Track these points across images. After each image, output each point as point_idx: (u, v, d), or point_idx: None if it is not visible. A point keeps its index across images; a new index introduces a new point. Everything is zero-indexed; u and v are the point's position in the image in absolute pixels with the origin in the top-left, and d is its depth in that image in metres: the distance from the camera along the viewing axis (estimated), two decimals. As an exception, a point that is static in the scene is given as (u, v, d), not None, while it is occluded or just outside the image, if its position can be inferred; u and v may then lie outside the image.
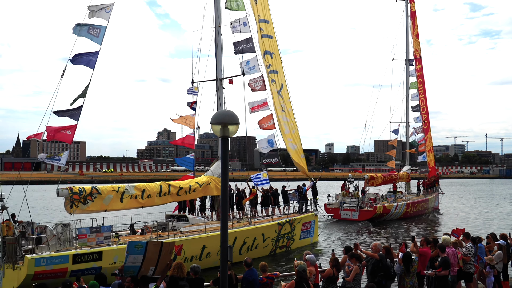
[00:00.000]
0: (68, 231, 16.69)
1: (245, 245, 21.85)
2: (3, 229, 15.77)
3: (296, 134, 27.27)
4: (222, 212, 7.90)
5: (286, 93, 26.61)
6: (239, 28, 23.44)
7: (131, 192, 19.31)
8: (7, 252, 15.60)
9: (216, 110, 23.75)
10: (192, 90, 23.57)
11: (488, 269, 12.81)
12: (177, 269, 9.31)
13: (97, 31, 18.47)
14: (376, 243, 12.04)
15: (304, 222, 26.26)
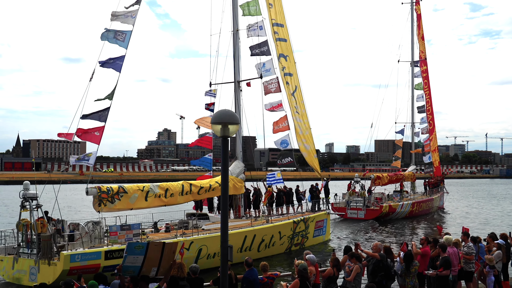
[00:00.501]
0: (99, 228, 17.36)
1: (263, 243, 22.53)
2: (38, 226, 16.44)
3: (309, 135, 27.95)
4: (222, 212, 7.82)
5: (300, 95, 27.30)
6: (256, 32, 24.09)
7: (155, 191, 19.97)
8: (42, 248, 16.24)
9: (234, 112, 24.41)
10: (210, 92, 24.23)
11: (487, 268, 12.75)
12: (177, 269, 9.32)
13: (122, 36, 19.14)
14: (377, 243, 12.08)
15: (317, 221, 26.95)
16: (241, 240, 21.18)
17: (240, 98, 24.10)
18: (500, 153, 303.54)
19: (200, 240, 19.33)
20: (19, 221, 17.13)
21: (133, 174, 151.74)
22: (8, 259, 17.37)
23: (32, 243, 16.68)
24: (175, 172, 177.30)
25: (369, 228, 34.48)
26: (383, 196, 40.69)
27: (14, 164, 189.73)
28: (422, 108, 46.35)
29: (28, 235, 16.79)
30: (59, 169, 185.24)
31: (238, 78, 24.20)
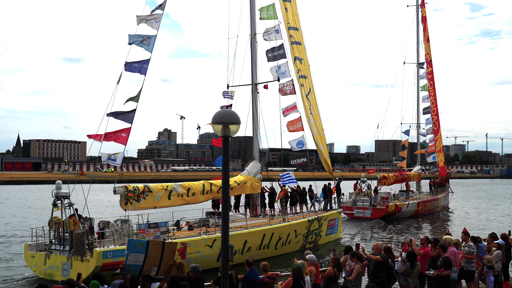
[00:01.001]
0: (128, 226, 17.99)
1: (280, 241, 23.19)
2: (70, 224, 17.07)
3: (323, 136, 28.64)
4: (223, 212, 7.88)
5: (314, 96, 27.95)
6: (272, 35, 24.74)
7: (178, 191, 20.61)
8: (75, 245, 16.87)
9: (251, 114, 25.13)
10: (228, 94, 24.87)
11: (486, 269, 12.75)
12: (177, 269, 9.28)
13: (148, 41, 19.79)
14: (378, 243, 12.03)
15: (329, 219, 27.62)
16: (260, 238, 21.84)
17: (257, 100, 24.75)
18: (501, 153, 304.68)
19: (222, 238, 19.95)
20: (51, 219, 17.77)
21: (133, 174, 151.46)
22: (40, 256, 18.00)
23: (64, 240, 17.30)
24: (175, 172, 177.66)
25: (376, 226, 35.20)
26: (389, 196, 41.44)
27: (15, 164, 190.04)
28: (428, 109, 47.06)
29: (60, 232, 17.40)
30: (59, 169, 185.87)
31: (255, 81, 24.86)
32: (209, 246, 19.43)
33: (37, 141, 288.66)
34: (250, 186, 23.89)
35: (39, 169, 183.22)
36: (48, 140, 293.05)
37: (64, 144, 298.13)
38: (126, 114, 19.12)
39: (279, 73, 25.52)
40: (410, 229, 34.65)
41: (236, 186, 23.23)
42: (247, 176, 24.14)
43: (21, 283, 17.95)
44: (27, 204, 54.32)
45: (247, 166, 25.27)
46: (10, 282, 17.85)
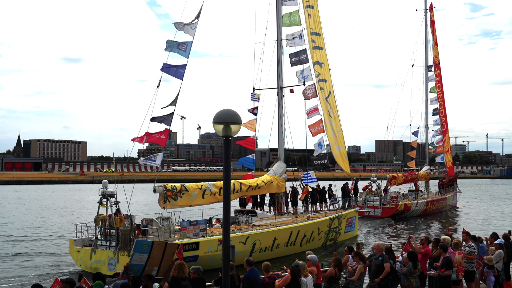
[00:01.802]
0: (169, 223, 19.03)
1: (304, 238, 24.23)
2: (117, 221, 18.09)
3: (341, 137, 29.71)
4: (224, 212, 7.86)
5: (333, 99, 29.03)
6: (296, 41, 25.80)
7: (211, 190, 21.65)
8: (121, 241, 17.88)
9: (276, 117, 26.20)
10: (254, 96, 25.90)
11: (486, 269, 12.77)
12: (178, 269, 9.28)
13: (184, 46, 20.79)
14: (379, 243, 12.01)
15: (348, 218, 28.69)
16: (288, 235, 22.88)
17: (282, 103, 25.82)
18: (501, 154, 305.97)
19: (255, 235, 21.02)
20: (97, 216, 18.78)
21: (134, 174, 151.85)
22: (85, 251, 19.01)
23: (110, 236, 18.31)
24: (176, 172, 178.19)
25: (386, 225, 36.32)
26: (398, 195, 42.57)
27: (15, 164, 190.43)
28: (436, 111, 48.20)
29: (106, 229, 18.41)
30: (59, 169, 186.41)
31: (281, 85, 25.93)
32: (242, 243, 20.45)
33: (38, 141, 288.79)
34: (276, 185, 24.95)
35: (39, 169, 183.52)
36: (49, 140, 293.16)
37: (64, 144, 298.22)
38: (165, 118, 20.11)
39: (301, 77, 26.57)
40: (419, 227, 35.72)
41: (263, 186, 24.29)
42: (273, 176, 25.19)
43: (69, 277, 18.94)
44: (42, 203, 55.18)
45: (272, 166, 26.33)
46: (58, 275, 18.85)
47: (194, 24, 21.23)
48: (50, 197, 63.64)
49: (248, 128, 25.91)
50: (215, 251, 19.32)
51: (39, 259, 22.46)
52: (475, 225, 36.03)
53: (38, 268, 20.33)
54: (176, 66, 20.75)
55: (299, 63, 26.37)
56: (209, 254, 19.15)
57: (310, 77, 26.73)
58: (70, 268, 20.05)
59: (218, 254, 19.47)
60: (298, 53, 26.31)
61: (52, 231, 31.61)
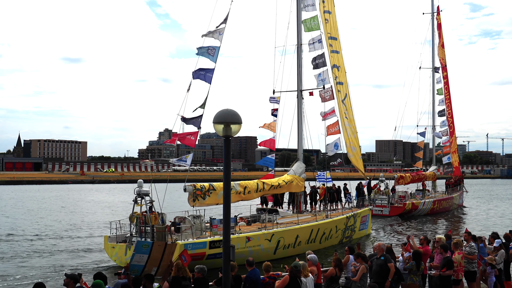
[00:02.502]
0: (201, 221, 19.90)
1: (324, 235, 25.12)
2: (152, 219, 18.95)
3: (356, 138, 30.61)
4: (224, 212, 7.80)
5: (349, 102, 29.93)
6: (316, 45, 26.70)
7: (237, 189, 22.54)
8: (157, 238, 18.70)
9: (296, 119, 27.10)
10: (274, 99, 26.77)
11: (489, 269, 12.84)
12: (179, 269, 9.28)
13: (213, 51, 21.67)
14: (380, 243, 11.99)
15: (362, 216, 29.60)
16: (309, 233, 23.77)
17: (302, 105, 26.71)
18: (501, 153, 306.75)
19: (279, 233, 21.90)
20: (132, 214, 19.64)
21: (134, 174, 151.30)
22: (120, 247, 19.82)
23: (145, 233, 19.15)
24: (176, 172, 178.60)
25: (394, 223, 37.26)
26: (406, 194, 43.60)
27: (15, 164, 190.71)
28: (443, 112, 49.15)
29: (141, 226, 19.25)
30: (59, 169, 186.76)
31: (300, 88, 26.81)
32: (268, 240, 21.33)
33: (38, 141, 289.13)
34: (296, 184, 25.85)
35: (39, 169, 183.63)
36: (49, 140, 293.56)
37: (64, 144, 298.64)
38: (194, 120, 20.98)
39: (319, 80, 27.47)
40: (426, 226, 36.63)
41: (284, 185, 25.19)
42: (293, 176, 26.09)
43: (106, 272, 19.80)
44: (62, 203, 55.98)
45: (292, 166, 27.22)
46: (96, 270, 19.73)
47: (221, 29, 22.11)
48: (67, 197, 64.47)
49: (268, 129, 26.77)
50: (243, 247, 20.21)
51: (74, 254, 23.49)
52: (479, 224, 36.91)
53: (74, 264, 21.20)
54: (205, 70, 21.63)
55: (318, 67, 27.26)
56: (238, 251, 19.91)
57: (327, 80, 27.62)
58: (103, 264, 20.88)
59: (246, 251, 20.38)
60: (317, 57, 27.18)
61: (83, 229, 32.90)
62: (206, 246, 19.05)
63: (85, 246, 25.66)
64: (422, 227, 35.36)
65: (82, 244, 26.52)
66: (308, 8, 27.27)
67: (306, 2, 27.26)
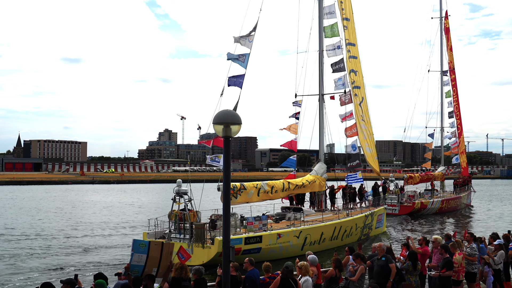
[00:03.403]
0: (235, 218, 21.08)
1: (345, 233, 26.31)
2: (191, 216, 20.11)
3: (372, 140, 31.85)
4: (224, 211, 7.84)
5: (366, 105, 31.16)
6: (336, 51, 27.92)
7: (265, 188, 23.73)
8: (196, 235, 19.89)
9: (318, 122, 28.33)
10: (297, 102, 27.97)
11: (486, 268, 12.91)
12: (179, 270, 9.25)
13: (243, 58, 22.85)
14: (381, 244, 12.00)
15: (378, 214, 30.82)
16: (332, 230, 24.96)
17: (323, 108, 27.93)
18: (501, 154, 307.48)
19: (306, 230, 23.08)
20: (171, 212, 20.79)
21: (134, 175, 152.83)
22: (159, 243, 20.98)
23: (184, 230, 20.31)
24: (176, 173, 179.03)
25: (404, 221, 38.49)
26: (415, 194, 44.88)
27: (15, 165, 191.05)
28: (451, 114, 50.47)
29: (180, 223, 20.40)
30: (59, 169, 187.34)
31: (322, 92, 28.02)
32: (296, 237, 22.50)
33: (38, 141, 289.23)
34: (318, 184, 27.05)
35: (39, 169, 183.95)
36: (49, 141, 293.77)
37: (64, 144, 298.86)
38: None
39: (339, 84, 28.69)
40: (435, 224, 37.82)
41: (307, 184, 26.40)
42: (316, 176, 27.30)
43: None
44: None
45: (314, 167, 28.43)
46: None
47: (251, 37, 23.28)
48: (95, 199, 65.28)
49: (290, 131, 27.95)
50: (274, 244, 21.39)
51: (112, 251, 24.71)
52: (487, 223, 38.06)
53: (114, 259, 22.41)
54: (237, 76, 22.81)
55: (337, 72, 28.48)
56: (269, 247, 21.20)
57: (346, 84, 28.83)
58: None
59: (277, 247, 21.56)
60: (337, 62, 28.39)
61: (121, 227, 34.53)
62: (242, 242, 20.23)
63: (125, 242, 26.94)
64: (431, 226, 36.56)
65: (119, 239, 28.01)
66: (328, 15, 28.48)
67: (327, 10, 28.48)
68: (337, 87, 28.74)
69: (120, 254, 23.60)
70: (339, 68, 28.34)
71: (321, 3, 28.54)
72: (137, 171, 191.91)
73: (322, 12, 28.49)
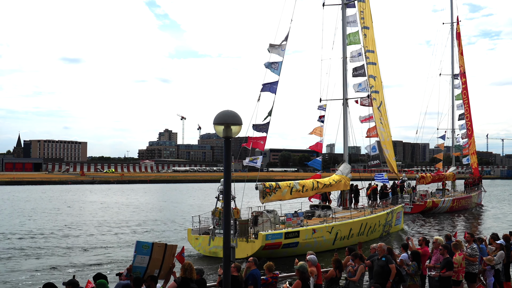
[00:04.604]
0: (275, 215, 22.75)
1: (370, 229, 28.01)
2: (234, 213, 21.76)
3: (390, 141, 33.61)
4: (224, 211, 7.87)
5: (384, 108, 32.87)
6: (359, 57, 29.65)
7: (297, 187, 25.43)
8: (240, 230, 21.53)
9: (342, 125, 30.03)
10: (321, 106, 29.67)
11: (488, 268, 12.94)
12: (189, 270, 9.21)
13: (276, 65, 24.55)
14: (381, 244, 11.99)
15: (397, 212, 32.54)
16: (359, 226, 26.66)
17: (347, 112, 29.65)
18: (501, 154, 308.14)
19: (337, 226, 24.78)
20: (215, 209, 22.44)
21: (134, 175, 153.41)
22: (203, 238, 22.63)
23: (228, 226, 21.93)
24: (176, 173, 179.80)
25: (416, 219, 40.19)
26: (427, 193, 46.59)
27: (15, 165, 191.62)
28: (462, 116, 52.32)
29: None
30: (59, 169, 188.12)
31: (346, 96, 29.76)
32: (329, 232, 24.20)
33: (38, 141, 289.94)
34: (344, 183, 28.77)
35: (39, 169, 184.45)
36: (49, 141, 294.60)
37: (64, 144, 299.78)
38: (263, 126, 23.86)
39: (359, 89, 30.41)
40: (445, 222, 39.41)
41: (334, 184, 28.11)
42: (341, 176, 29.03)
43: (190, 259, 22.51)
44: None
45: (339, 167, 30.13)
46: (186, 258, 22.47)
47: (283, 46, 24.97)
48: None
49: (315, 134, 29.62)
50: (310, 238, 23.07)
51: (111, 250, 25.28)
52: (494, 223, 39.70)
53: (115, 259, 22.66)
54: (271, 83, 24.51)
55: (358, 77, 30.22)
56: (306, 241, 22.87)
57: (366, 89, 30.54)
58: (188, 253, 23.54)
59: (312, 241, 23.23)
60: (358, 68, 30.12)
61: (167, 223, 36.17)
62: (282, 236, 21.90)
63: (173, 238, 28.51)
64: (442, 224, 38.24)
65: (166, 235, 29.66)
66: (350, 24, 30.21)
67: (349, 20, 30.24)
68: (359, 92, 30.45)
69: (120, 254, 23.63)
70: (360, 74, 30.04)
71: (344, 13, 30.26)
72: (137, 171, 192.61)
73: (345, 22, 30.21)
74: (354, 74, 30.27)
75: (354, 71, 30.34)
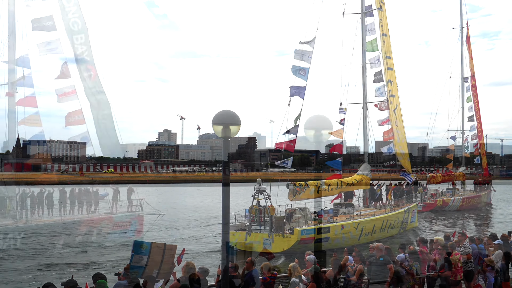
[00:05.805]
0: (307, 212, 24.38)
1: (390, 226, 29.68)
2: (270, 210, 23.34)
3: (404, 143, 35.40)
4: (223, 211, 7.93)
5: (399, 112, 34.64)
6: (377, 64, 31.34)
7: (323, 187, 27.10)
8: (276, 226, 23.11)
9: (362, 128, 31.77)
10: (342, 110, 31.34)
11: (489, 269, 12.96)
12: (193, 270, 9.39)
13: (303, 72, 26.21)
14: (379, 244, 12.24)
15: (412, 210, 34.22)
16: (381, 223, 28.32)
17: (367, 115, 31.41)
18: (500, 154, 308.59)
19: (362, 222, 26.44)
20: (252, 206, 24.00)
21: (133, 175, 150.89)
22: (240, 234, 24.11)
23: (264, 222, 23.52)
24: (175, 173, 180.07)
25: (427, 217, 41.82)
26: (437, 192, 48.27)
27: (15, 165, 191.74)
28: (472, 118, 54.19)
29: (260, 216, 23.60)
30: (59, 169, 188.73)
31: (365, 100, 31.48)
32: (355, 228, 25.85)
33: (37, 141, 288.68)
34: (365, 182, 30.45)
35: (39, 169, 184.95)
36: (48, 141, 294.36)
37: (64, 144, 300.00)
38: (292, 129, 25.50)
39: (378, 93, 32.14)
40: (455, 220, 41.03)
41: (356, 183, 29.77)
42: (362, 175, 30.71)
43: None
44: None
45: (360, 168, 31.89)
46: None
47: (309, 53, 26.61)
48: None
49: (336, 136, 31.28)
50: (339, 234, 24.70)
51: (197, 241, 27.72)
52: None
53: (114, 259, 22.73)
54: (299, 87, 26.14)
55: (377, 82, 31.94)
56: (336, 236, 24.51)
57: (384, 93, 32.25)
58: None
59: (341, 237, 24.87)
60: (377, 73, 31.82)
61: None
62: (315, 232, 23.52)
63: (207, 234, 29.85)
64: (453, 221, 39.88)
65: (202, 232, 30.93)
66: (369, 32, 31.90)
67: (367, 28, 31.96)
68: (377, 96, 32.14)
69: (120, 254, 23.25)
70: (378, 79, 31.74)
71: (364, 22, 31.96)
72: (137, 172, 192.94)
73: (364, 30, 31.88)
74: (374, 80, 31.95)
75: (375, 75, 32.03)
